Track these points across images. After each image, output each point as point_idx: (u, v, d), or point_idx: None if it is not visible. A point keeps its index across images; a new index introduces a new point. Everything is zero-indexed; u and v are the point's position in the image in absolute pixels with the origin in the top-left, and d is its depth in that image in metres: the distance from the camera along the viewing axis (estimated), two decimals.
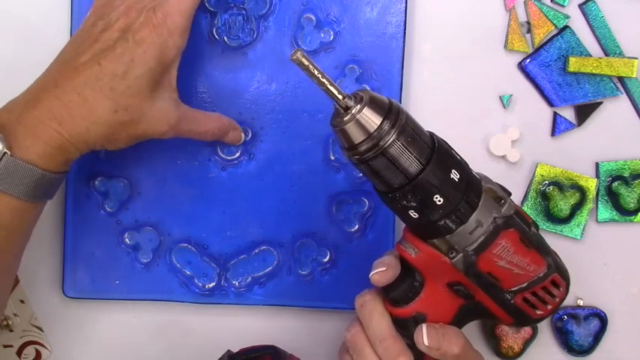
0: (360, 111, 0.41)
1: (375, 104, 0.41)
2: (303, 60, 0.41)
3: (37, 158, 0.46)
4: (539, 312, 0.48)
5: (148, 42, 0.48)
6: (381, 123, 0.41)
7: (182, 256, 0.59)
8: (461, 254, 0.44)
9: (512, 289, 0.46)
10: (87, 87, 0.47)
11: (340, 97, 0.41)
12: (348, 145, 0.42)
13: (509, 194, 0.47)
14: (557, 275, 0.47)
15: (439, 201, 0.43)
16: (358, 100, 0.42)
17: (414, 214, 0.43)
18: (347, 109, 0.41)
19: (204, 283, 0.59)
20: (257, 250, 0.59)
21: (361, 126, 0.41)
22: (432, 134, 0.44)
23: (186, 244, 0.59)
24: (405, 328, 0.47)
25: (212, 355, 0.61)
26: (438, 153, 0.43)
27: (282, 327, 0.61)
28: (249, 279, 0.59)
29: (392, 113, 0.41)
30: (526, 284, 0.46)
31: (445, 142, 0.44)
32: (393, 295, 0.48)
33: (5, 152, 0.45)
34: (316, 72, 0.41)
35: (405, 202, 0.43)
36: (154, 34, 0.48)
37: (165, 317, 0.61)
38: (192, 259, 0.59)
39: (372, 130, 0.41)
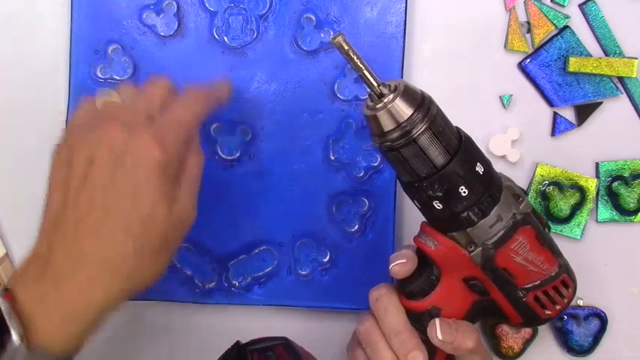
0: (392, 100, 0.42)
1: (409, 94, 0.42)
2: (344, 44, 0.42)
3: (58, 344, 0.42)
4: (547, 312, 0.48)
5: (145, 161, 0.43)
6: (413, 113, 0.42)
7: (182, 256, 0.59)
8: (480, 248, 0.45)
9: (526, 286, 0.47)
10: (105, 237, 0.42)
11: (375, 84, 0.43)
12: (379, 132, 0.43)
13: (526, 193, 0.47)
14: (567, 276, 0.48)
15: (464, 192, 0.44)
16: (392, 89, 0.43)
17: (438, 205, 0.44)
18: (381, 96, 0.43)
19: (204, 283, 0.59)
20: (257, 250, 0.59)
21: (393, 115, 0.42)
22: (458, 129, 0.45)
23: (186, 244, 0.59)
24: (419, 322, 0.48)
25: (212, 355, 0.61)
26: (465, 145, 0.44)
27: (282, 327, 0.61)
28: (249, 279, 0.59)
29: (424, 104, 0.43)
30: (539, 282, 0.47)
31: (468, 135, 0.46)
32: (410, 288, 0.48)
33: (19, 345, 0.40)
34: (355, 57, 0.42)
35: (431, 192, 0.44)
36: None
37: (165, 317, 0.61)
38: (192, 259, 0.59)
39: (403, 120, 0.42)
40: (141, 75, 0.58)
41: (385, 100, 0.42)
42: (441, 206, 0.44)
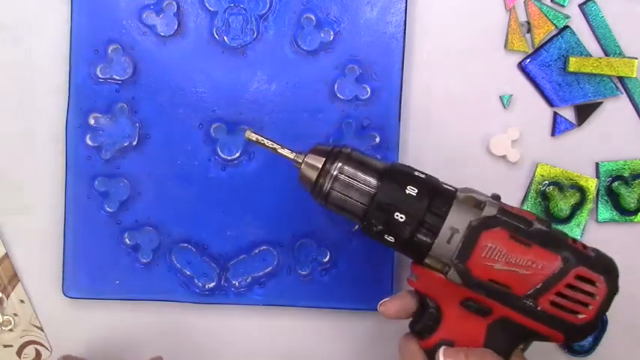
0: (305, 156, 0.47)
1: (318, 151, 0.48)
2: (252, 136, 0.48)
3: None
4: (581, 316, 0.44)
5: None
6: (325, 160, 0.47)
7: (182, 256, 0.59)
8: (452, 267, 0.44)
9: (529, 293, 0.44)
10: None
11: (292, 155, 0.48)
12: (310, 187, 0.47)
13: (498, 197, 0.46)
14: (584, 269, 0.44)
15: (401, 218, 0.45)
16: (306, 152, 0.48)
17: (390, 238, 0.46)
18: (300, 163, 0.48)
19: (204, 283, 0.59)
20: (257, 250, 0.59)
21: (311, 166, 0.47)
22: (393, 163, 0.48)
23: (186, 244, 0.59)
24: None
25: (212, 355, 0.61)
26: (388, 174, 0.46)
27: (281, 327, 0.61)
28: (249, 279, 0.59)
29: (333, 152, 0.47)
30: (541, 284, 0.44)
31: (404, 165, 0.48)
32: (417, 328, 0.48)
33: None
34: (267, 142, 0.48)
35: (374, 228, 0.46)
36: None
37: (165, 317, 0.61)
38: (192, 259, 0.59)
39: (319, 167, 0.47)
40: (141, 75, 0.58)
41: (303, 161, 0.47)
42: (393, 238, 0.46)
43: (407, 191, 0.45)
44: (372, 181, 0.46)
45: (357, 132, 0.58)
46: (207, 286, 0.59)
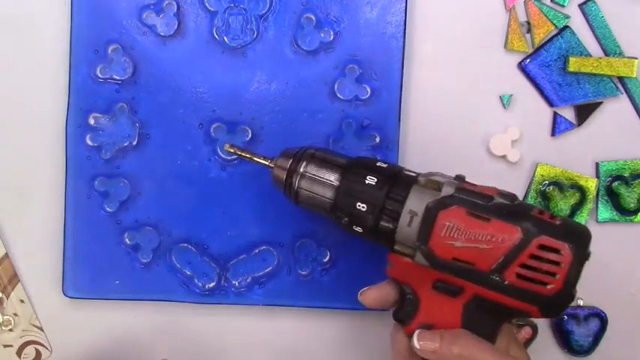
0: (276, 160, 0.51)
1: (286, 154, 0.51)
2: (230, 149, 0.53)
3: None
4: (549, 286, 0.44)
5: None
6: (292, 161, 0.50)
7: (182, 256, 0.59)
8: (417, 250, 0.46)
9: (493, 267, 0.44)
10: None
11: (266, 162, 0.52)
12: (282, 188, 0.51)
13: (461, 178, 0.47)
14: (546, 238, 0.44)
15: (363, 207, 0.47)
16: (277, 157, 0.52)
17: (358, 229, 0.48)
18: (272, 167, 0.52)
19: (204, 283, 0.59)
20: (257, 250, 0.59)
21: (281, 168, 0.51)
22: (355, 157, 0.50)
23: (186, 244, 0.59)
24: None
25: (212, 355, 0.61)
26: (349, 167, 0.49)
27: (281, 327, 0.61)
28: (249, 279, 0.59)
29: (299, 154, 0.50)
30: (503, 258, 0.44)
31: (366, 157, 0.51)
32: (398, 316, 0.49)
33: None
34: (244, 153, 0.53)
35: (342, 220, 0.49)
36: None
37: (165, 317, 0.61)
38: (192, 259, 0.59)
39: (287, 167, 0.50)
40: (141, 75, 0.58)
41: (275, 165, 0.51)
42: (360, 229, 0.48)
43: (366, 181, 0.47)
44: (335, 175, 0.49)
45: (357, 132, 0.58)
46: (207, 286, 0.59)
